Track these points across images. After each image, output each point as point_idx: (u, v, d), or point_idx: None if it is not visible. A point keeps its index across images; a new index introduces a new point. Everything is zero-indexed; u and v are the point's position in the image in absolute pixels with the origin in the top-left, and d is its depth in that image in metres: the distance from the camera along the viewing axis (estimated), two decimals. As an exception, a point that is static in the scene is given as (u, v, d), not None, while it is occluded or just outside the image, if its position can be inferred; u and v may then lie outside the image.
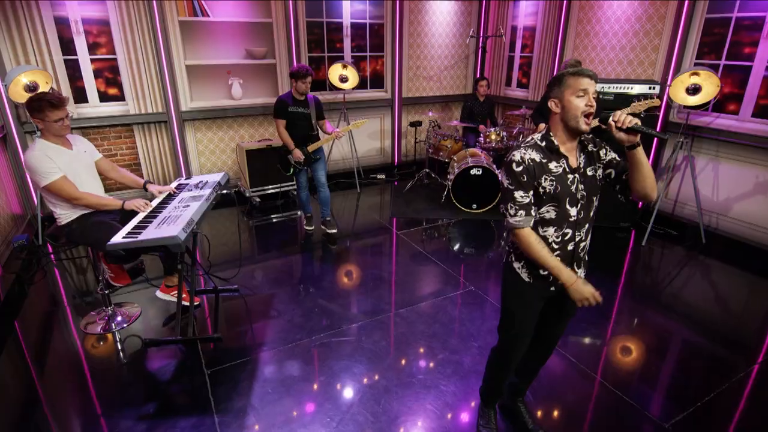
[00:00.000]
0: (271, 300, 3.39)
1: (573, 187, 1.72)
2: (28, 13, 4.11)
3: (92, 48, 4.51)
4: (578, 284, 1.69)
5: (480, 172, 4.87)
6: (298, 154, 4.13)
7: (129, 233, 2.42)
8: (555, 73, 5.50)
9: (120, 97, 4.78)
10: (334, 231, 4.50)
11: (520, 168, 1.68)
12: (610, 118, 1.64)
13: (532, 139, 1.75)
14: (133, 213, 2.73)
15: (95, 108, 4.69)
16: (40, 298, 3.43)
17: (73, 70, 4.48)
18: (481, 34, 6.48)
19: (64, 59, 4.40)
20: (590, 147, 1.78)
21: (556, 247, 1.77)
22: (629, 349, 2.89)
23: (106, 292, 3.02)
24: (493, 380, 2.12)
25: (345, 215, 5.14)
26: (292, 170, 4.33)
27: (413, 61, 6.29)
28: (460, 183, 4.96)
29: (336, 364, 2.70)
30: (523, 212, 1.70)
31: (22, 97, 3.95)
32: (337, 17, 5.64)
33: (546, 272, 1.80)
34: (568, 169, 1.72)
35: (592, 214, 1.80)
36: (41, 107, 2.61)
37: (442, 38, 6.38)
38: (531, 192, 1.70)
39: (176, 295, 2.96)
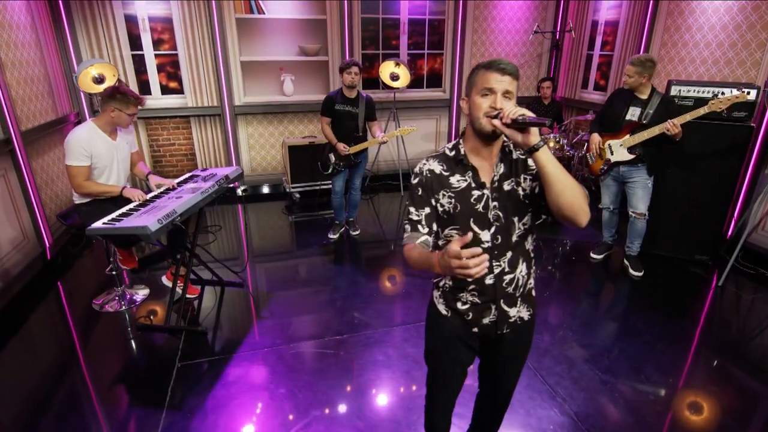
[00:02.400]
0: (270, 300, 3.32)
1: (479, 206, 1.38)
2: (103, 12, 4.54)
3: (156, 44, 4.86)
4: (443, 261, 1.20)
5: (527, 183, 4.36)
6: (341, 147, 3.94)
7: (110, 220, 2.49)
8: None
9: (179, 91, 5.09)
10: (357, 233, 4.34)
11: (416, 180, 1.43)
12: (502, 115, 1.27)
13: (445, 147, 1.44)
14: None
15: (157, 100, 5.06)
16: (78, 269, 3.75)
17: (139, 64, 4.86)
18: (556, 30, 5.84)
19: (131, 54, 4.79)
20: (516, 154, 1.40)
21: (469, 280, 1.42)
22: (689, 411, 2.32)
23: (113, 273, 3.19)
24: (426, 417, 1.78)
25: (378, 219, 4.95)
26: (330, 170, 4.23)
27: (476, 60, 5.86)
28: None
29: (300, 377, 2.53)
30: (409, 228, 1.42)
31: (90, 87, 4.36)
32: (394, 13, 5.45)
33: (464, 306, 1.47)
34: (474, 184, 1.38)
35: (516, 238, 1.41)
36: (126, 100, 2.80)
37: (510, 35, 5.87)
38: (426, 209, 1.41)
39: (180, 282, 3.04)
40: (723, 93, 3.45)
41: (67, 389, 2.46)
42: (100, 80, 4.39)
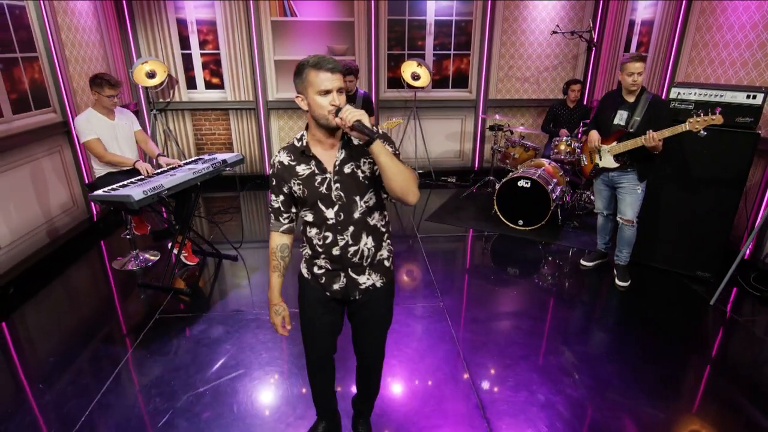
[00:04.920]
0: (256, 273, 3.69)
1: (323, 189, 1.57)
2: (159, 16, 5.24)
3: (202, 44, 5.48)
4: (270, 310, 1.76)
5: (528, 185, 4.31)
6: None
7: (109, 189, 2.98)
8: (668, 77, 4.48)
9: (220, 86, 5.69)
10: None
11: (271, 172, 1.65)
12: (339, 114, 1.44)
13: (294, 137, 1.63)
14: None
15: (201, 94, 5.70)
16: (117, 234, 4.41)
17: (187, 62, 5.52)
18: (591, 30, 5.61)
19: (181, 53, 5.46)
20: (356, 141, 1.55)
21: (320, 250, 1.64)
22: (570, 418, 2.30)
23: (128, 237, 3.75)
24: (309, 378, 1.98)
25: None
26: None
27: (505, 61, 5.82)
28: (508, 195, 4.47)
29: (249, 337, 2.84)
30: (273, 216, 1.69)
31: (143, 81, 5.08)
32: (420, 15, 5.60)
33: (320, 270, 1.69)
34: (317, 171, 1.57)
35: (357, 215, 1.59)
36: (101, 84, 3.35)
37: (543, 36, 5.74)
38: (281, 196, 1.63)
39: (185, 250, 3.55)
40: (723, 95, 3.21)
41: (73, 322, 3.01)
42: (151, 75, 5.10)
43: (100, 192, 2.95)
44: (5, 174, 3.42)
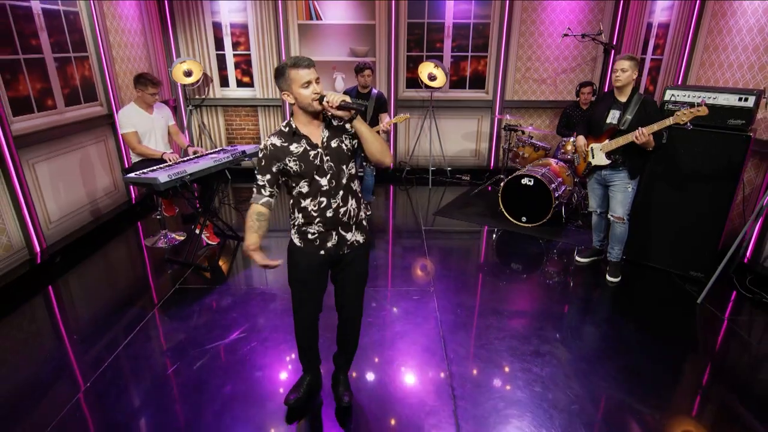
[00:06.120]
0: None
1: (317, 161, 1.88)
2: (196, 19, 5.72)
3: (234, 46, 5.93)
4: (250, 253, 1.97)
5: (531, 183, 4.46)
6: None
7: (139, 173, 3.40)
8: (680, 80, 4.51)
9: (250, 84, 6.12)
10: (368, 213, 4.88)
11: (261, 153, 1.93)
12: (324, 99, 1.77)
13: (281, 126, 1.94)
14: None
15: (233, 91, 6.15)
16: (152, 216, 4.90)
17: (221, 62, 5.98)
18: (612, 32, 5.65)
19: (216, 54, 5.93)
20: (335, 122, 1.90)
21: (315, 215, 1.94)
22: (533, 393, 2.49)
23: (158, 217, 4.20)
24: (296, 343, 2.28)
25: (393, 209, 5.40)
26: None
27: (522, 63, 5.95)
28: (513, 192, 4.63)
29: (254, 309, 3.19)
30: (255, 190, 1.97)
31: (181, 79, 5.57)
32: (439, 18, 5.82)
33: (313, 236, 1.97)
34: (309, 147, 1.87)
35: (345, 181, 1.92)
36: (145, 83, 3.80)
37: (560, 38, 5.82)
38: (267, 175, 1.92)
39: (206, 231, 4.00)
40: (716, 97, 3.28)
41: (108, 287, 3.46)
42: (188, 74, 5.59)
43: (132, 174, 3.38)
44: (57, 159, 3.93)
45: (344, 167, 1.93)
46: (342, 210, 1.94)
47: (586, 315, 3.31)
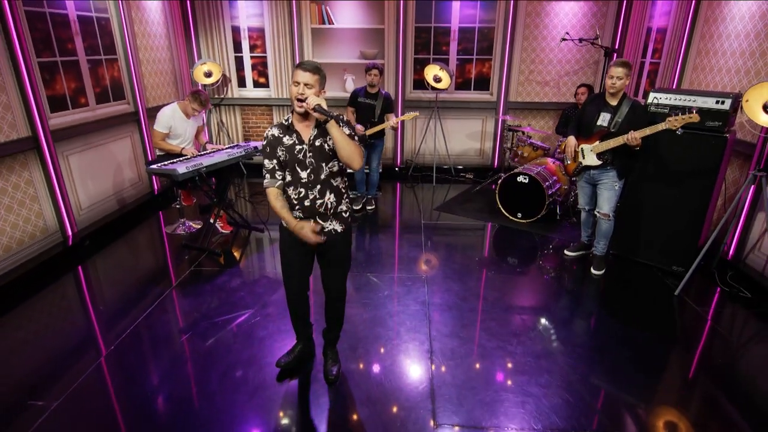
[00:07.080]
0: (275, 243, 4.37)
1: (300, 155, 2.15)
2: (216, 23, 6.10)
3: (251, 48, 6.29)
4: (297, 228, 2.16)
5: (526, 180, 4.67)
6: (359, 128, 4.79)
7: (162, 164, 3.76)
8: (675, 84, 4.67)
9: (266, 85, 6.47)
10: (371, 207, 5.17)
11: (265, 141, 2.22)
12: (306, 101, 2.01)
13: (283, 119, 2.23)
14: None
15: (250, 91, 6.52)
16: (173, 206, 5.29)
17: (239, 63, 6.35)
18: (612, 38, 5.80)
19: (234, 56, 6.30)
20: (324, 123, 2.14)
21: (296, 203, 2.22)
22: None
23: (177, 206, 4.57)
24: (290, 314, 2.57)
25: (397, 204, 5.67)
26: None
27: (525, 65, 6.15)
28: (509, 189, 4.85)
29: (261, 289, 3.50)
30: (268, 176, 2.23)
31: (201, 79, 5.95)
32: (445, 22, 6.07)
33: (296, 219, 2.24)
34: (297, 142, 2.15)
35: (323, 177, 2.17)
36: (195, 97, 4.09)
37: (564, 42, 5.99)
38: (273, 161, 2.19)
39: (220, 220, 4.32)
40: (695, 100, 3.45)
41: (131, 268, 3.84)
42: (208, 75, 5.97)
43: (154, 166, 3.74)
44: (87, 152, 4.33)
45: (324, 164, 2.15)
46: (319, 202, 2.18)
47: (567, 303, 3.53)
